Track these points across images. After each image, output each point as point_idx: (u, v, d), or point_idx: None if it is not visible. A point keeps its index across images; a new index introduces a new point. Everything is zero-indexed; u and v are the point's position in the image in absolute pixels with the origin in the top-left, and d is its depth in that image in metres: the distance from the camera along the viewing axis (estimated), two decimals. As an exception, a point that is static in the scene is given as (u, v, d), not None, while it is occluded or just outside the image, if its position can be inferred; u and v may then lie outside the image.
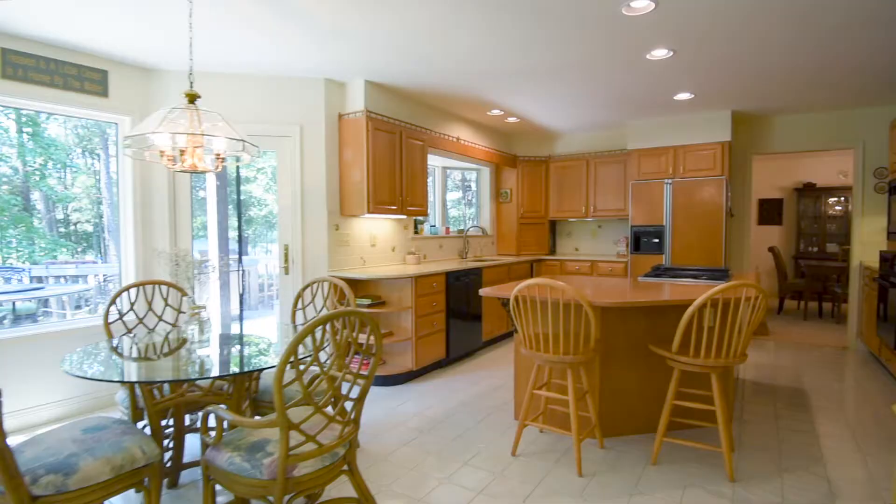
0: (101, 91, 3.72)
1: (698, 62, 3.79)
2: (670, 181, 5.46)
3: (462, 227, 6.37)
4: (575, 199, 6.49)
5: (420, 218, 5.47)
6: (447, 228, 6.01)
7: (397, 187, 4.48)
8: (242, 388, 2.33)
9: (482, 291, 3.09)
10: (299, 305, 3.20)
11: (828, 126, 5.32)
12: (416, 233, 5.30)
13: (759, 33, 3.24)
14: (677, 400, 2.80)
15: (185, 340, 2.53)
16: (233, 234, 5.15)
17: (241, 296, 4.49)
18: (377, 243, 4.72)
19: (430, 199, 6.12)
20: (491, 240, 6.74)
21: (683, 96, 4.73)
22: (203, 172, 2.57)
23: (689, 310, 2.50)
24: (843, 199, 8.35)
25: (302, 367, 1.82)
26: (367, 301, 4.16)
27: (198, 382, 2.46)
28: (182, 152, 2.43)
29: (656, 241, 5.57)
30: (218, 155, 2.53)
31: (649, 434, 3.17)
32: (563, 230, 7.02)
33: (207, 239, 4.71)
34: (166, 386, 2.41)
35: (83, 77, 3.63)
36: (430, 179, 6.08)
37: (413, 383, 4.22)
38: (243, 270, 4.44)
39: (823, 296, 7.19)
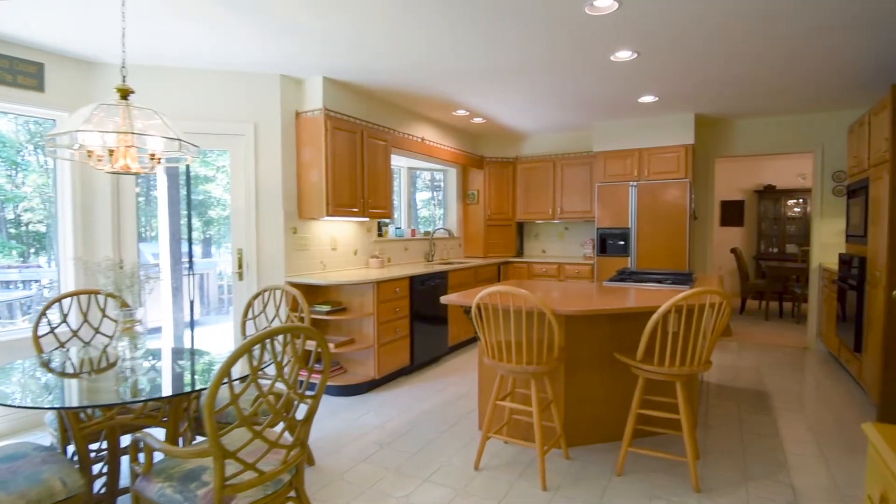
0: (37, 85, 3.44)
1: (662, 64, 3.76)
2: (635, 183, 5.46)
3: (432, 229, 6.24)
4: (542, 200, 6.44)
5: (385, 220, 5.31)
6: (413, 230, 5.87)
7: (359, 189, 4.31)
8: (179, 410, 2.14)
9: (444, 299, 2.96)
10: (249, 315, 3.01)
11: (788, 130, 5.41)
12: (379, 235, 5.14)
13: (722, 37, 3.22)
14: (642, 408, 2.74)
15: (117, 358, 2.32)
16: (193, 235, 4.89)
17: (192, 303, 4.23)
18: (338, 247, 4.54)
19: (396, 200, 5.97)
20: (458, 242, 6.62)
21: (648, 99, 4.71)
22: (137, 174, 2.36)
23: (653, 318, 2.43)
24: (801, 200, 8.57)
25: (249, 385, 1.65)
26: (326, 307, 3.99)
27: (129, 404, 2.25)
28: (111, 152, 2.21)
29: (622, 243, 5.55)
30: (153, 155, 2.32)
31: (615, 442, 3.10)
32: (531, 232, 6.97)
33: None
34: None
35: (16, 70, 3.35)
36: (395, 180, 5.93)
37: (375, 392, 4.06)
38: (193, 276, 4.19)
39: (784, 296, 7.35)
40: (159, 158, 2.41)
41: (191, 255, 4.23)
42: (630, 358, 2.63)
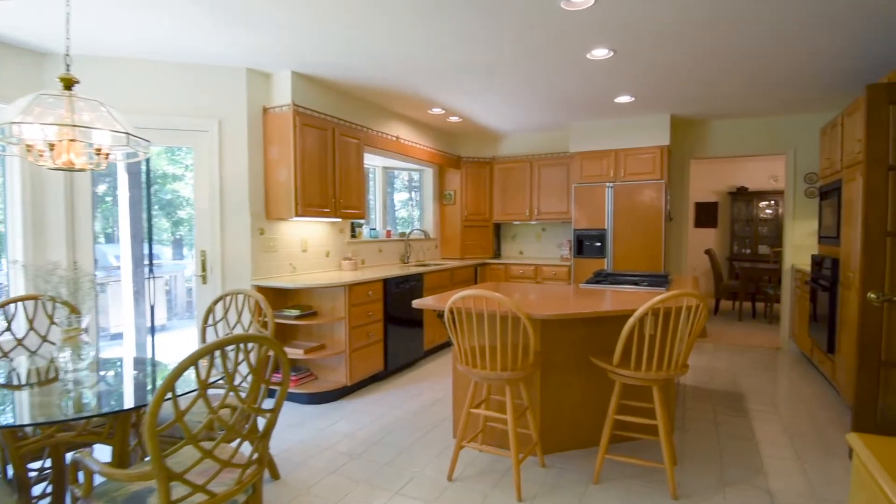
0: (-20, 75, 3.21)
1: (639, 63, 3.72)
2: (612, 184, 5.43)
3: (410, 230, 6.11)
4: (519, 201, 6.38)
5: (358, 221, 5.17)
6: (388, 232, 5.74)
7: (330, 188, 4.16)
8: (126, 427, 1.97)
9: (416, 303, 2.85)
10: (210, 321, 2.85)
11: (762, 132, 5.45)
12: (353, 236, 4.99)
13: (698, 37, 3.18)
14: (619, 414, 2.67)
15: (58, 369, 2.14)
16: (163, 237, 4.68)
17: (153, 308, 4.03)
18: (309, 248, 4.39)
19: (371, 200, 5.83)
20: (434, 243, 6.52)
21: (624, 99, 4.68)
22: (81, 170, 2.19)
23: (630, 322, 2.36)
24: (773, 202, 8.71)
25: (196, 401, 1.51)
26: (295, 312, 3.83)
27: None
28: (52, 146, 2.04)
29: (598, 244, 5.52)
30: (99, 150, 2.15)
31: (593, 448, 3.03)
32: (508, 233, 6.90)
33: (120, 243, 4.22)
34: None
35: (-44, 59, 3.12)
36: (369, 180, 5.79)
37: (347, 400, 3.92)
38: (154, 279, 3.99)
39: (756, 296, 7.44)
40: (107, 154, 2.24)
41: (151, 257, 4.03)
42: (607, 362, 2.56)
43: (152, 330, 4.09)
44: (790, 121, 5.32)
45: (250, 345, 2.10)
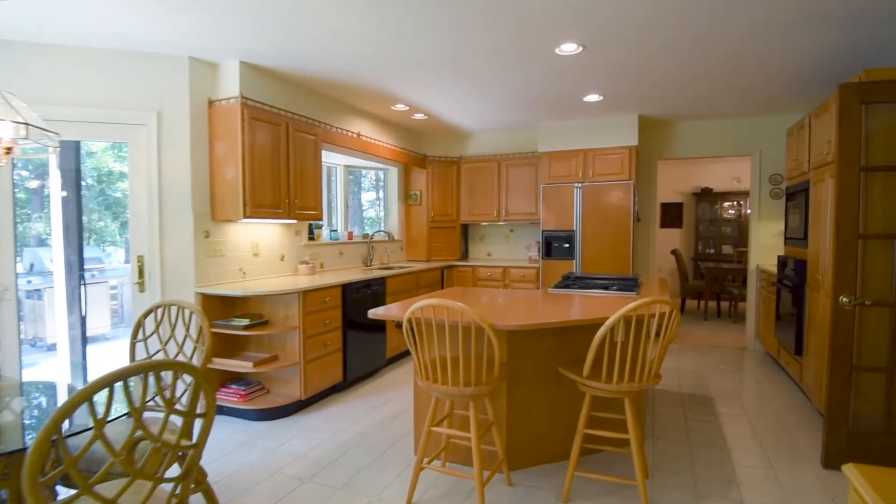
0: None
1: (608, 61, 3.59)
2: (580, 185, 5.32)
3: (373, 231, 5.85)
4: (487, 201, 6.21)
5: (318, 223, 4.90)
6: (350, 233, 5.48)
7: (283, 187, 3.88)
8: (38, 463, 1.68)
9: (372, 313, 2.61)
10: (140, 336, 2.55)
11: (728, 134, 5.44)
12: (311, 239, 4.71)
13: (670, 33, 3.06)
14: (590, 427, 2.51)
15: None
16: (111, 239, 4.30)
17: (84, 319, 3.67)
18: (261, 252, 4.09)
19: (333, 201, 5.55)
20: (400, 245, 6.28)
21: (593, 98, 4.56)
22: (-28, 165, 1.88)
23: (600, 332, 2.20)
24: (736, 203, 8.83)
25: (92, 442, 1.24)
26: (244, 321, 3.54)
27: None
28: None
29: (567, 245, 5.40)
30: (-5, 142, 1.85)
31: (562, 462, 2.87)
32: (476, 234, 6.73)
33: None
34: None
35: None
36: (332, 180, 5.51)
37: (302, 414, 3.66)
38: (85, 286, 3.63)
39: (721, 295, 7.50)
40: (8, 148, 1.93)
41: (82, 262, 3.67)
42: (576, 373, 2.39)
43: (83, 341, 3.72)
44: (756, 123, 5.32)
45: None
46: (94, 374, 4.08)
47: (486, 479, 2.35)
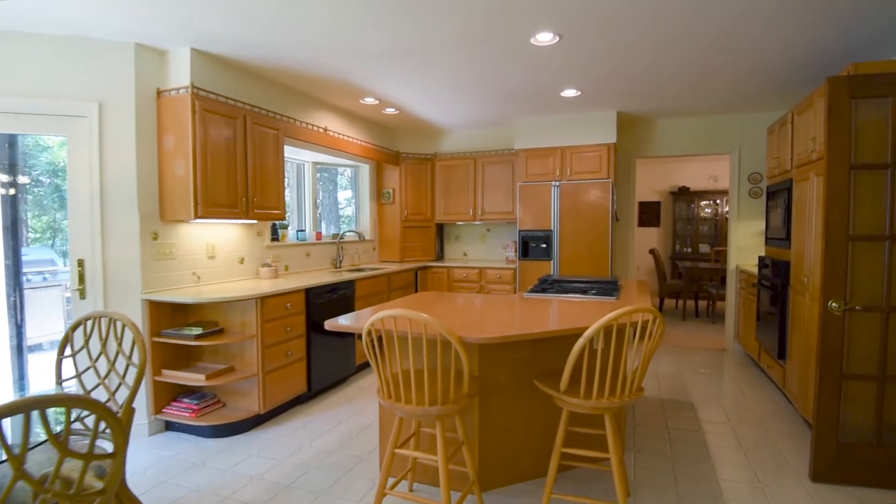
0: None
1: (586, 52, 3.41)
2: (558, 183, 5.15)
3: (342, 231, 5.58)
4: (462, 200, 6.00)
5: (283, 223, 4.62)
6: (318, 234, 5.21)
7: (240, 185, 3.60)
8: None
9: (328, 324, 2.37)
10: (67, 351, 2.26)
11: (707, 131, 5.33)
12: (274, 239, 4.43)
13: (650, 23, 2.89)
14: (567, 446, 2.32)
15: None
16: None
17: (20, 327, 3.34)
18: (217, 254, 3.81)
19: (300, 199, 5.27)
20: (372, 245, 6.03)
21: (571, 93, 4.39)
22: None
23: (578, 344, 2.01)
24: (713, 202, 8.80)
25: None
26: (196, 330, 3.26)
27: None
28: None
29: (544, 246, 5.23)
30: None
31: (539, 479, 2.67)
32: (451, 234, 6.51)
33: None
34: None
35: None
36: (297, 177, 5.23)
37: (261, 430, 3.39)
38: (21, 293, 3.31)
39: (699, 294, 7.44)
40: None
41: (19, 265, 3.33)
42: (553, 387, 2.20)
43: (20, 351, 3.39)
44: (735, 120, 5.22)
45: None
46: (36, 387, 3.74)
47: (456, 506, 2.14)
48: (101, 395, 2.89)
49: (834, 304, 2.47)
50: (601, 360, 2.58)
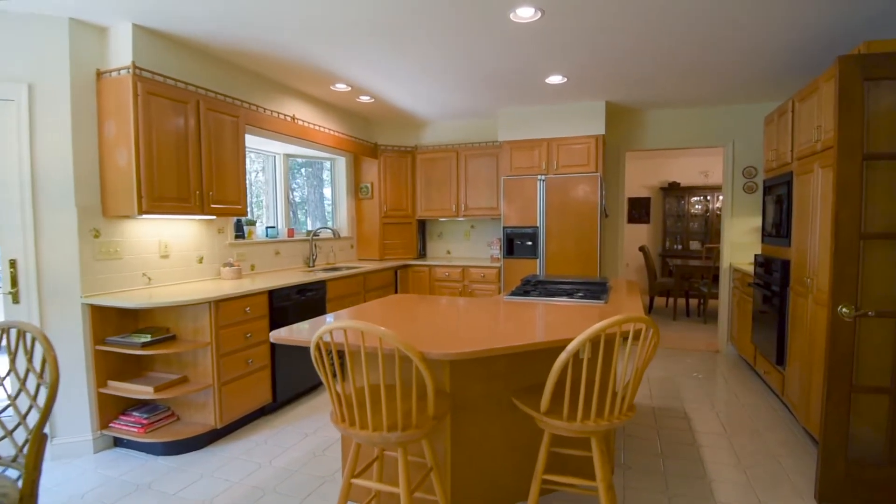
0: None
1: (570, 31, 3.13)
2: (543, 177, 4.88)
3: (320, 227, 5.26)
4: (444, 195, 5.71)
5: (248, 218, 4.30)
6: (290, 230, 4.89)
7: (193, 177, 3.28)
8: None
9: (273, 336, 2.06)
10: (-33, 368, 1.94)
11: (699, 123, 5.09)
12: (238, 237, 4.11)
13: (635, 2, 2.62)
14: (550, 471, 2.06)
15: None
16: None
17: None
18: (172, 253, 3.48)
19: (271, 194, 4.95)
20: (350, 242, 5.72)
21: (556, 79, 4.11)
22: None
23: (561, 359, 1.74)
24: (703, 197, 8.60)
25: None
26: (144, 337, 2.95)
27: None
28: None
29: (530, 243, 4.96)
30: None
31: (522, 502, 2.41)
32: (434, 231, 6.22)
33: None
34: None
35: None
36: (266, 169, 4.90)
37: (218, 446, 3.09)
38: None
39: (690, 293, 7.23)
40: None
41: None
42: (533, 407, 1.93)
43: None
44: (729, 111, 4.98)
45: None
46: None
47: (420, 545, 1.86)
48: (11, 418, 2.57)
49: (844, 310, 2.22)
50: (587, 374, 2.32)
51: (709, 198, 8.54)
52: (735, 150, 4.97)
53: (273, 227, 4.72)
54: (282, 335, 2.00)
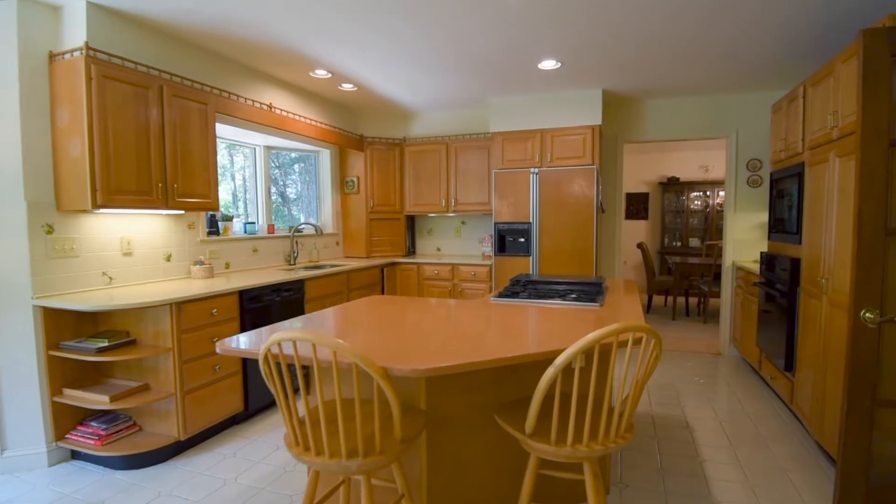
0: None
1: (562, 6, 2.88)
2: (537, 170, 4.63)
3: (302, 223, 5.01)
4: (434, 190, 5.46)
5: (224, 213, 4.05)
6: (271, 226, 4.64)
7: (156, 169, 3.03)
8: None
9: (219, 348, 1.81)
10: None
11: (701, 113, 4.84)
12: (212, 233, 3.87)
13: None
14: (538, 497, 1.83)
15: None
16: None
17: None
18: (135, 251, 3.24)
19: (252, 189, 4.70)
20: (335, 239, 5.48)
21: (549, 64, 3.86)
22: None
23: (549, 374, 1.51)
24: (703, 193, 8.37)
25: None
26: (102, 342, 2.71)
27: None
28: None
29: (523, 240, 4.72)
30: None
31: (504, 529, 2.18)
32: (424, 227, 5.98)
33: None
34: None
35: None
36: (244, 162, 4.65)
37: (182, 459, 2.86)
38: None
39: (689, 291, 7.01)
40: None
41: None
42: (517, 427, 1.69)
43: None
44: (732, 101, 4.74)
45: None
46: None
47: (387, 586, 1.63)
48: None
49: (868, 315, 1.99)
50: (580, 386, 2.09)
51: (709, 193, 8.31)
52: (738, 142, 4.73)
53: (252, 223, 4.47)
54: (230, 346, 1.75)
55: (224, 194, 4.56)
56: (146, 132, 2.96)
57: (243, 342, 1.82)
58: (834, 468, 2.59)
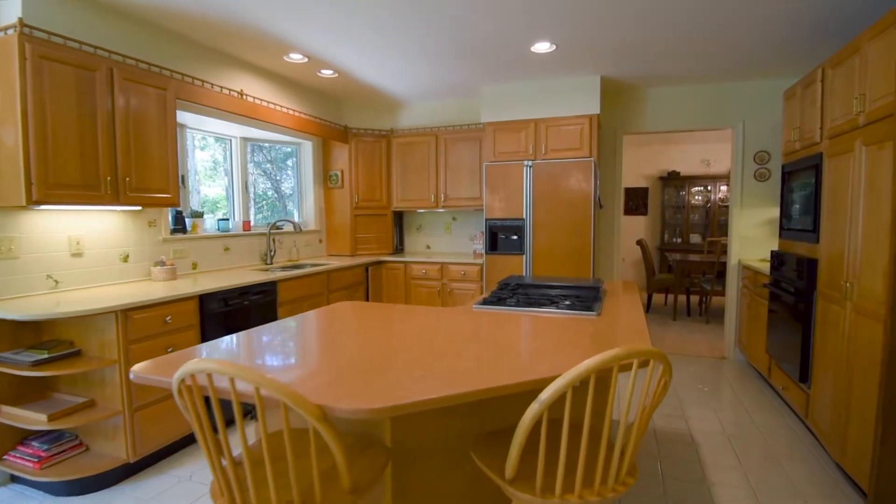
0: None
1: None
2: (531, 163, 4.34)
3: (279, 219, 4.70)
4: (423, 184, 5.16)
5: (196, 209, 3.75)
6: (247, 223, 4.34)
7: (104, 160, 2.72)
8: None
9: (132, 373, 1.52)
10: None
11: (705, 102, 4.54)
12: (177, 230, 3.57)
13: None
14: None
15: None
16: None
17: None
18: (86, 251, 2.94)
19: (229, 183, 4.39)
20: (318, 237, 5.19)
21: (543, 47, 3.56)
22: None
23: (533, 409, 1.22)
24: (705, 188, 8.09)
25: None
26: (41, 354, 2.42)
27: None
28: None
29: (516, 237, 4.43)
30: None
31: (486, 571, 1.90)
32: (412, 223, 5.68)
33: None
34: None
35: None
36: (219, 153, 4.34)
37: (130, 483, 2.57)
38: None
39: (691, 289, 6.74)
40: None
41: None
42: (496, 470, 1.41)
43: None
44: (738, 89, 4.44)
45: None
46: None
47: None
48: None
49: (909, 329, 1.71)
50: (571, 414, 1.80)
51: (710, 188, 8.02)
52: (745, 133, 4.44)
53: (225, 220, 4.17)
54: (140, 372, 1.45)
55: (219, 189, 4.28)
56: (92, 119, 2.65)
57: (141, 368, 1.52)
58: (858, 495, 2.31)
